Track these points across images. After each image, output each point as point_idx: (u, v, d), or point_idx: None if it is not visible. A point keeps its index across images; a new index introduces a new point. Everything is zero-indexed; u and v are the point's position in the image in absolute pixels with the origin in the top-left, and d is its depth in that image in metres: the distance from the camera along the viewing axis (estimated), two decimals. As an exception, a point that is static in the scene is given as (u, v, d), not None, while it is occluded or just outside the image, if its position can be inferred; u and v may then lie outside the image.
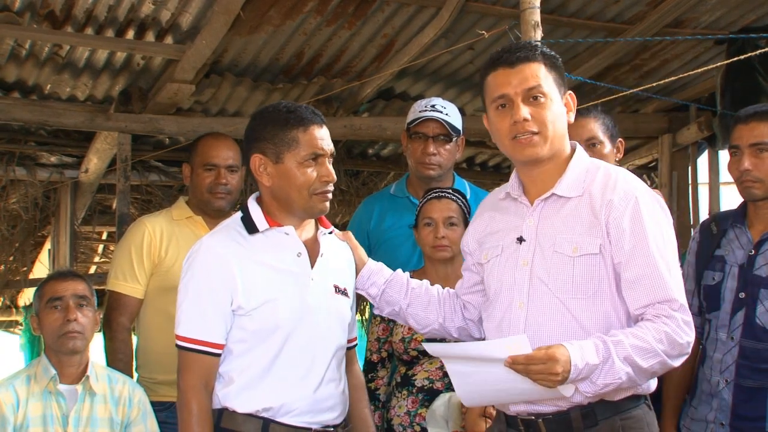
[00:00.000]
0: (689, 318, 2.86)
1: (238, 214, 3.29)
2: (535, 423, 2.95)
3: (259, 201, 3.27)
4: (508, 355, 2.67)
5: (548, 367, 2.65)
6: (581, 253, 2.91)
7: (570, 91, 3.08)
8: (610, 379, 2.73)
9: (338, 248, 3.43)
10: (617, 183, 2.96)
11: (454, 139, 4.58)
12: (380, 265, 3.49)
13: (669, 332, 2.78)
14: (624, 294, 2.90)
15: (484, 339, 3.26)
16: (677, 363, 2.84)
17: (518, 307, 2.98)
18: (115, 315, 4.45)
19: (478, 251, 3.21)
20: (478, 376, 2.82)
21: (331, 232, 3.41)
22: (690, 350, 2.85)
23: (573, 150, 3.07)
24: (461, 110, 4.93)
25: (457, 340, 3.42)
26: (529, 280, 2.97)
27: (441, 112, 4.54)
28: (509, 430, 3.04)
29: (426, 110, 4.56)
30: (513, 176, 3.14)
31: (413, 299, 3.41)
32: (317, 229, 3.34)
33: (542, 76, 2.98)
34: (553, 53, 3.07)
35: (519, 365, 2.66)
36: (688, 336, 2.82)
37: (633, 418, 2.92)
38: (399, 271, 3.52)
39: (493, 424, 3.19)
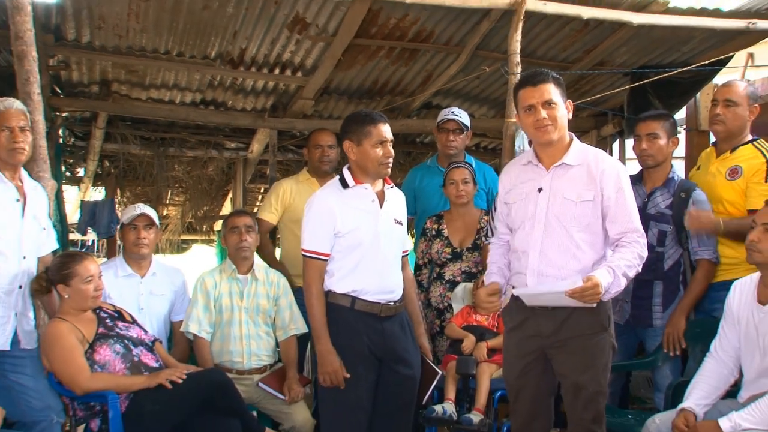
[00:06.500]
0: (645, 241, 2.85)
1: (337, 177, 3.27)
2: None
3: (349, 169, 3.25)
4: (568, 288, 2.66)
5: (595, 291, 2.63)
6: (581, 200, 2.86)
7: (569, 99, 2.97)
8: (617, 288, 2.73)
9: (397, 198, 3.35)
10: (604, 159, 2.92)
11: (465, 132, 4.52)
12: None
13: (638, 251, 2.79)
14: (607, 225, 2.85)
15: None
16: (640, 269, 2.83)
17: (538, 230, 2.88)
18: (262, 232, 4.40)
19: (508, 195, 3.07)
20: (544, 297, 2.82)
21: (392, 187, 3.32)
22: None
23: (572, 138, 3.00)
24: (471, 115, 4.87)
25: None
26: (545, 215, 2.88)
27: (457, 116, 4.48)
28: (525, 305, 2.93)
29: (448, 115, 4.50)
30: (531, 151, 3.03)
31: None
32: (384, 185, 3.29)
33: (552, 91, 2.90)
34: (559, 77, 2.97)
35: (576, 294, 2.65)
36: (645, 252, 2.83)
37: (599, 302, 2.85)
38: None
39: (512, 300, 3.02)
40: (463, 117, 4.53)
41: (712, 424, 2.72)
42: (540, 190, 2.93)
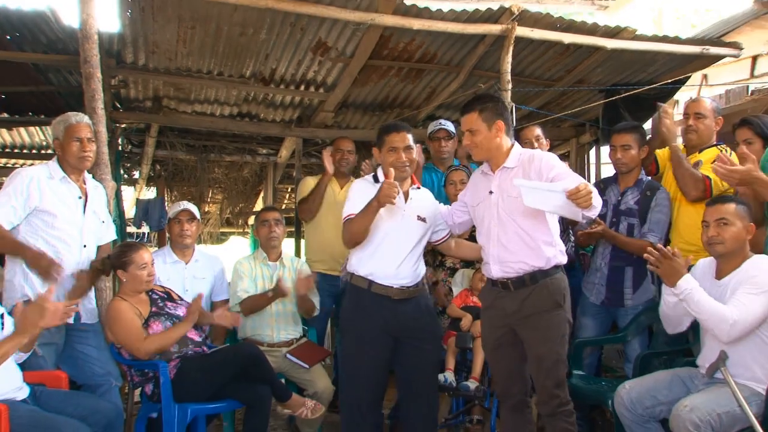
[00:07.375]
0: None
1: (372, 174, 3.17)
2: (507, 282, 2.89)
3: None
4: (566, 190, 2.54)
5: (587, 191, 2.53)
6: (521, 195, 2.71)
7: (499, 120, 2.86)
8: (597, 203, 2.61)
9: (424, 198, 3.21)
10: (533, 156, 2.88)
11: (453, 138, 4.43)
12: None
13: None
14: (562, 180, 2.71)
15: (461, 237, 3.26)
16: (599, 206, 2.67)
17: (494, 225, 2.91)
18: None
19: (471, 199, 3.07)
20: (543, 196, 2.62)
21: (418, 188, 3.19)
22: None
23: (513, 144, 2.95)
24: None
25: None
26: (497, 211, 2.90)
27: (445, 125, 4.42)
28: (493, 288, 2.96)
29: (438, 125, 4.45)
30: (485, 162, 3.01)
31: None
32: (410, 185, 3.17)
33: (473, 120, 2.86)
34: (486, 104, 2.87)
35: (573, 194, 2.53)
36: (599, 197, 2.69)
37: (556, 278, 2.86)
38: None
39: (486, 284, 3.06)
40: (449, 126, 4.49)
41: (682, 266, 2.69)
42: (491, 192, 2.94)
